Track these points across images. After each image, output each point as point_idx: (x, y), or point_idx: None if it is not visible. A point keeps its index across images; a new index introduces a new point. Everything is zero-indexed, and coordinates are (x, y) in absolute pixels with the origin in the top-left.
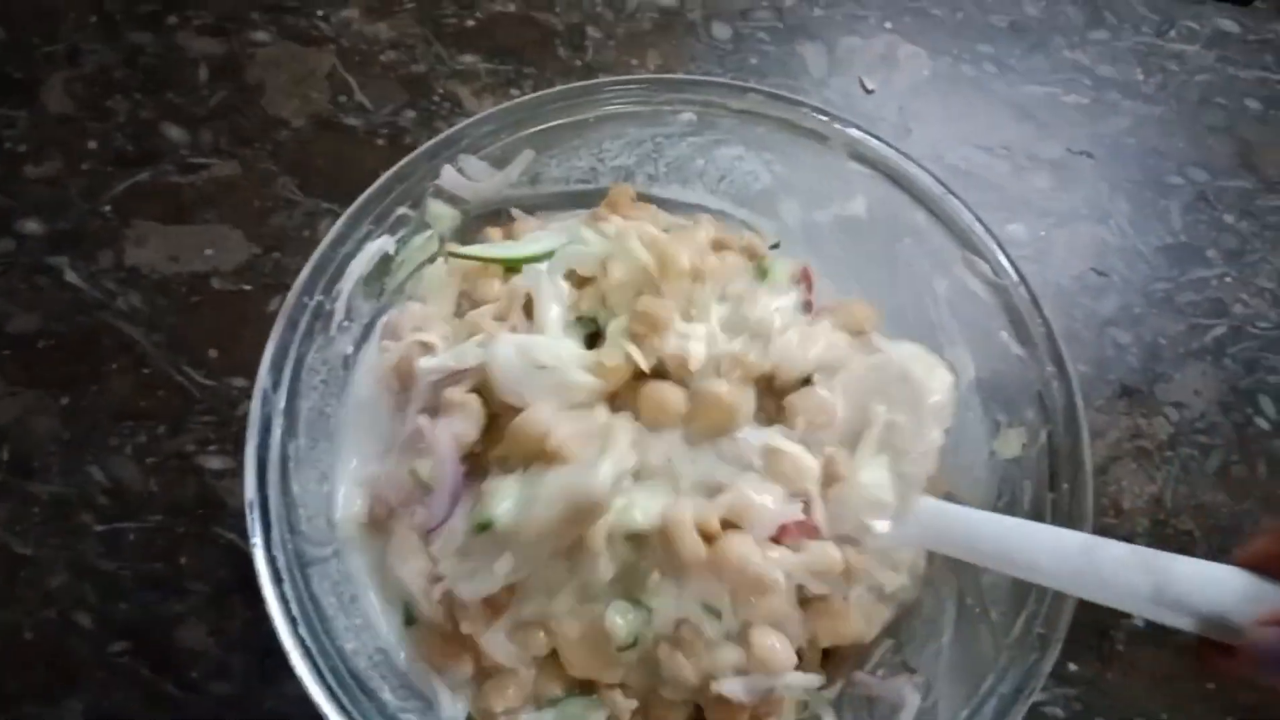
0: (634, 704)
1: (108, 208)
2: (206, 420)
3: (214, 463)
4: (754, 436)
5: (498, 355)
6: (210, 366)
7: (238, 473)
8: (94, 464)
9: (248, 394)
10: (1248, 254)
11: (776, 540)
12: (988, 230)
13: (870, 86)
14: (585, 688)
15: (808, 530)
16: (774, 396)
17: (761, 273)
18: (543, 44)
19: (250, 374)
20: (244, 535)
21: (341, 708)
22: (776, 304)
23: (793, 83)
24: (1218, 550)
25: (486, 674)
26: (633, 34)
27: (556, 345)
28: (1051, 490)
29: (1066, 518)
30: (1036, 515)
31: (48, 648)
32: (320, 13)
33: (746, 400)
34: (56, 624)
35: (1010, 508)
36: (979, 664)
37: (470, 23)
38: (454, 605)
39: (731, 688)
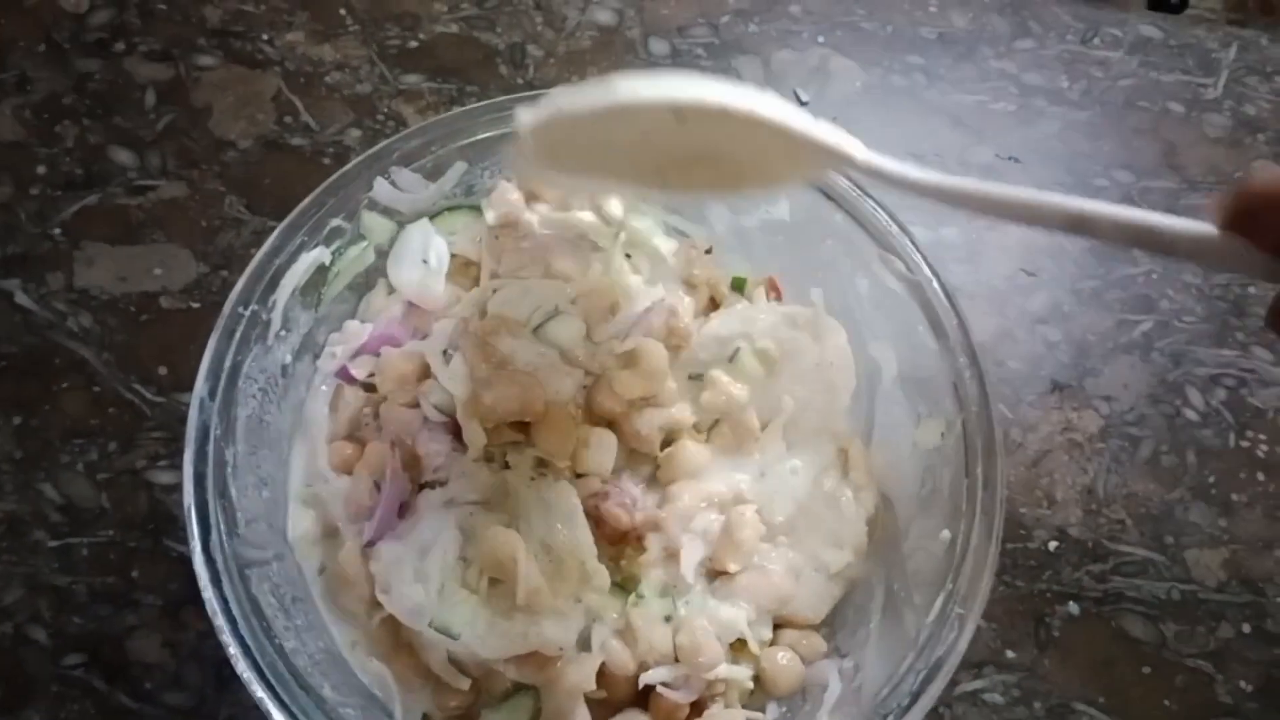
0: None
1: (57, 230)
2: (157, 436)
3: (164, 478)
4: None
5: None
6: (160, 383)
7: None
8: (46, 481)
9: None
10: None
11: None
12: (902, 229)
13: (805, 98)
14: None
15: None
16: None
17: (738, 287)
18: (485, 63)
19: None
20: None
21: (281, 703)
22: None
23: None
24: (1149, 538)
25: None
26: (573, 52)
27: None
28: (966, 476)
29: (981, 501)
30: (954, 501)
31: (3, 662)
32: (265, 36)
33: None
34: (11, 638)
35: (932, 495)
36: (901, 644)
37: (413, 44)
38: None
39: (659, 676)
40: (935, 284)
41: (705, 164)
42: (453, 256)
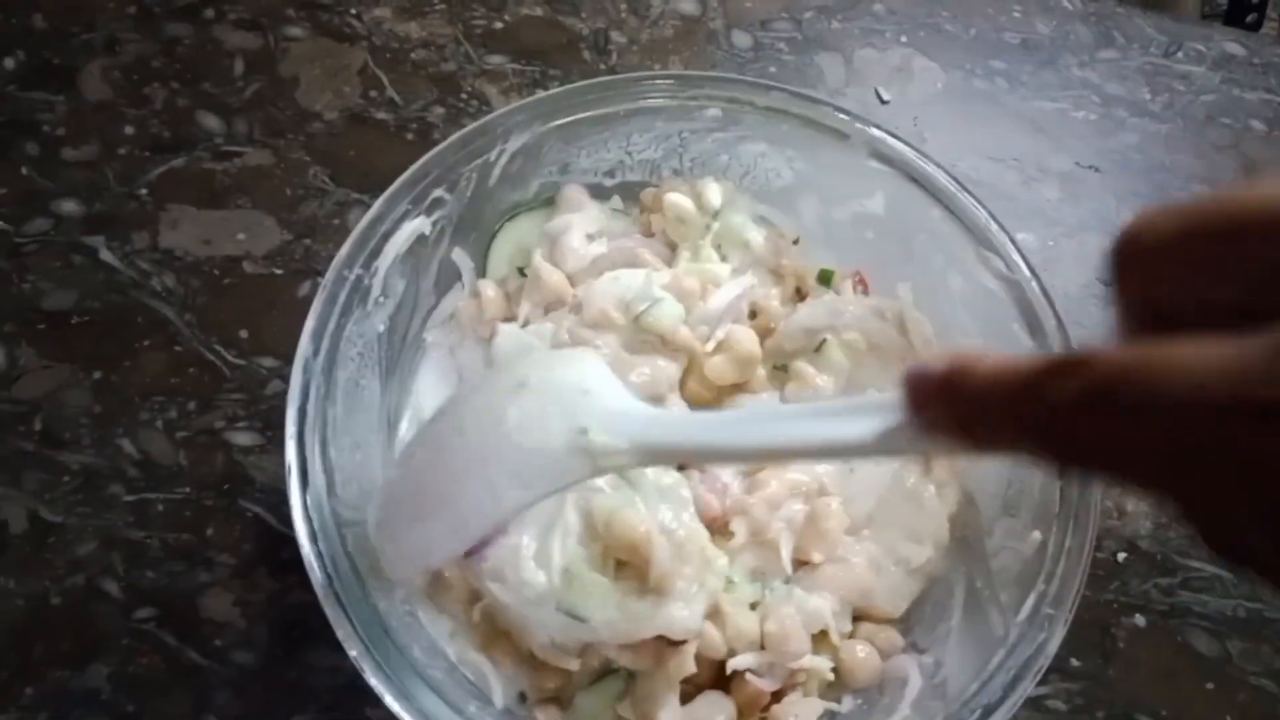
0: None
1: (143, 191)
2: (236, 398)
3: (242, 439)
4: None
5: None
6: (240, 346)
7: (266, 449)
8: (125, 437)
9: (277, 374)
10: None
11: None
12: (1001, 227)
13: (886, 97)
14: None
15: None
16: None
17: (825, 280)
18: (568, 47)
19: (280, 355)
20: (271, 510)
21: (373, 659)
22: None
23: (811, 91)
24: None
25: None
26: (655, 40)
27: None
28: (1060, 478)
29: (1076, 504)
30: (1045, 502)
31: (74, 614)
32: (353, 11)
33: None
34: (84, 591)
35: (1020, 495)
36: (988, 643)
37: (498, 25)
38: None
39: (746, 663)
40: (1035, 285)
41: None
42: None
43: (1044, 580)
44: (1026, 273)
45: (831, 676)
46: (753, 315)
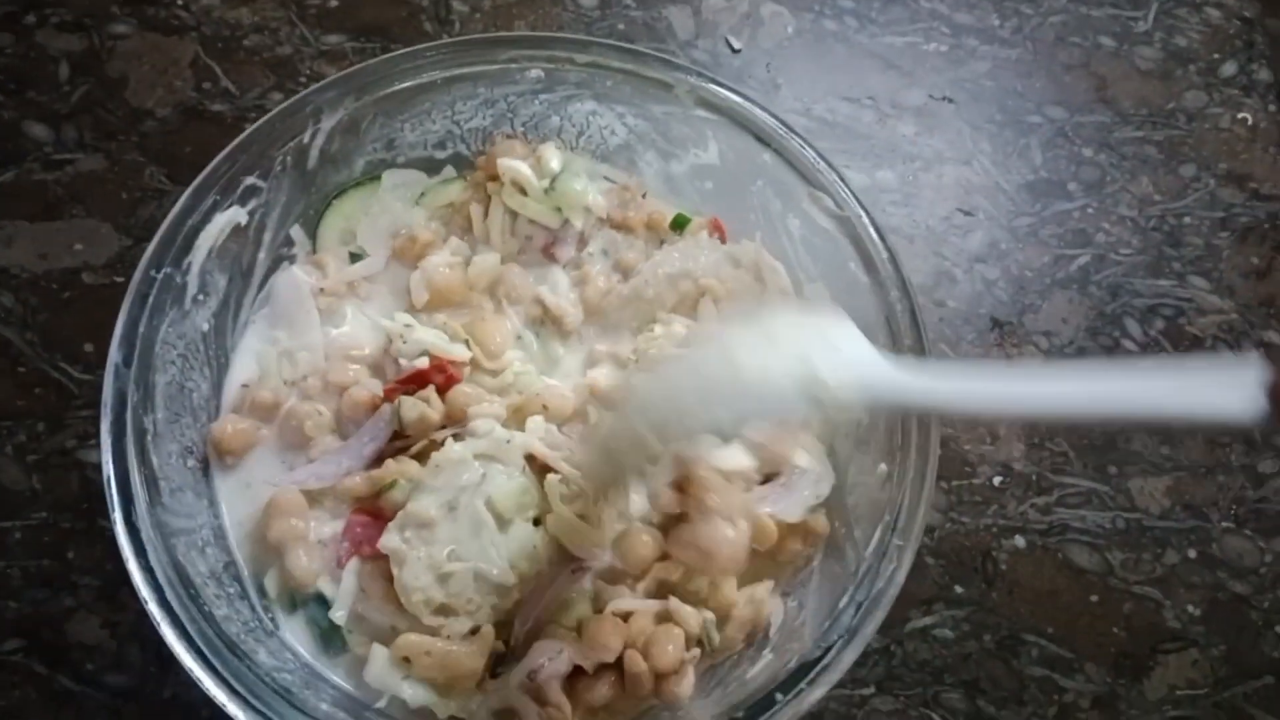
0: None
1: None
2: (86, 414)
3: (96, 456)
4: None
5: None
6: (87, 361)
7: None
8: None
9: None
10: (1107, 185)
11: None
12: (830, 165)
13: (737, 46)
14: None
15: None
16: None
17: (679, 226)
18: (409, 20)
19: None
20: None
21: (213, 670)
22: None
23: (661, 46)
24: (1093, 469)
25: None
26: (499, 6)
27: None
28: None
29: (916, 433)
30: (890, 435)
31: None
32: (180, 1)
33: None
34: None
35: (869, 431)
36: (842, 579)
37: (334, 3)
38: None
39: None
40: (865, 219)
41: None
42: None
43: (890, 512)
44: (857, 209)
45: (710, 616)
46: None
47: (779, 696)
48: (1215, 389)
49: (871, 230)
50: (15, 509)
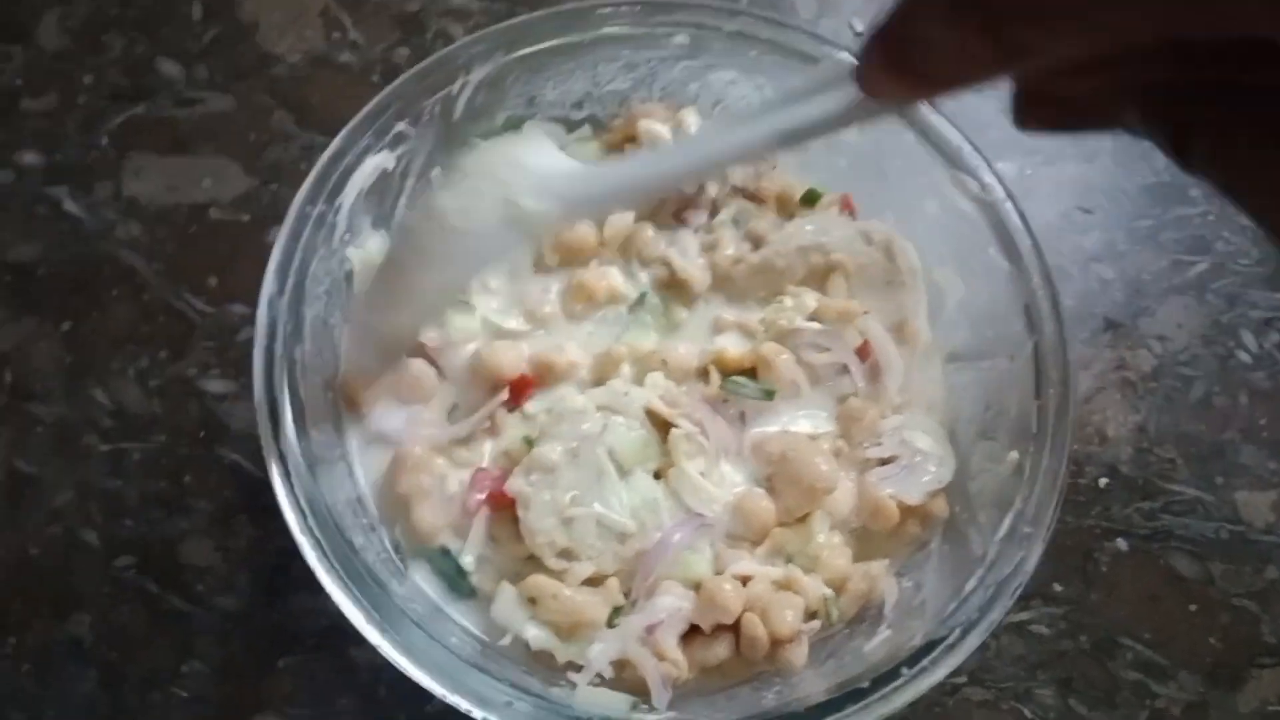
0: None
1: (105, 140)
2: (207, 345)
3: (216, 386)
4: None
5: None
6: (210, 294)
7: (240, 396)
8: (97, 387)
9: (248, 320)
10: None
11: None
12: (975, 148)
13: (859, 29)
14: None
15: None
16: None
17: (810, 201)
18: None
19: (250, 301)
20: (249, 457)
21: (353, 596)
22: None
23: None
24: (1199, 478)
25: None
26: None
27: None
28: (1038, 397)
29: (1052, 423)
30: (1023, 423)
31: (54, 565)
32: None
33: None
34: (62, 541)
35: (997, 418)
36: (966, 563)
37: None
38: None
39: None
40: (1009, 205)
41: None
42: None
43: (1021, 499)
44: (1001, 194)
45: (830, 592)
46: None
47: (904, 670)
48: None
49: (1016, 217)
50: (135, 431)
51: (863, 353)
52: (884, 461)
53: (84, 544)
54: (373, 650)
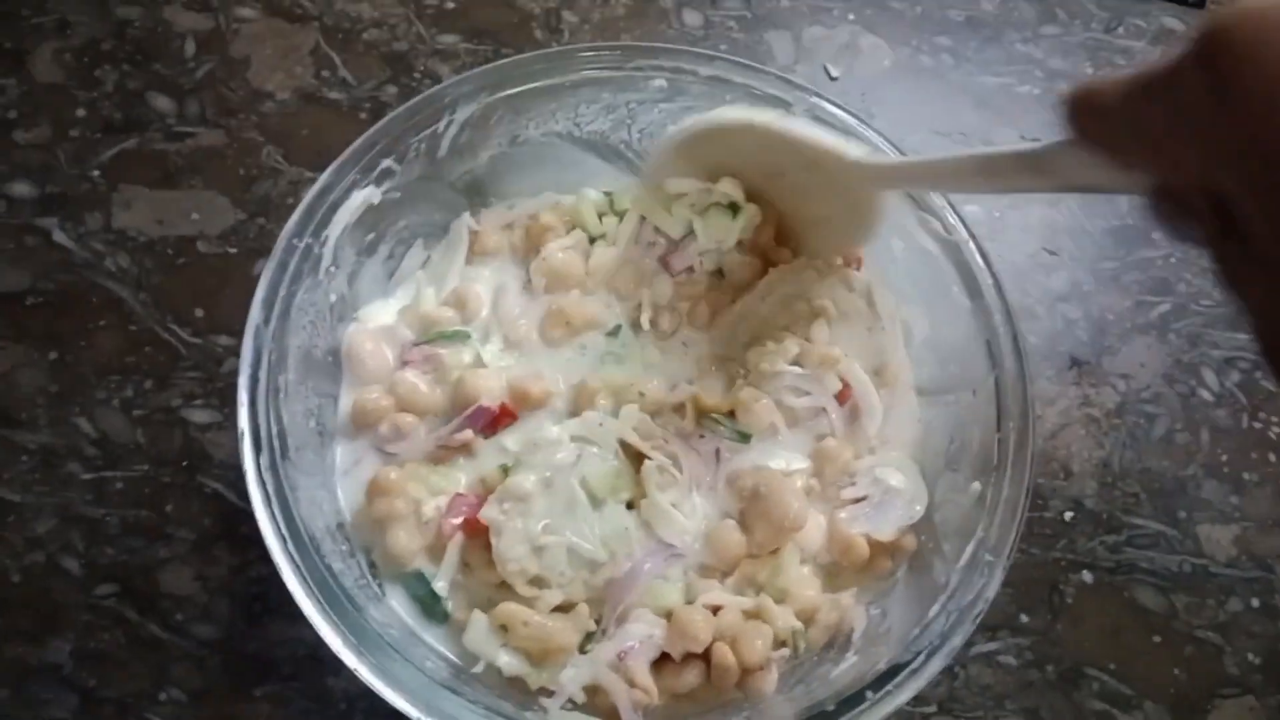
0: None
1: (96, 172)
2: (192, 376)
3: (200, 416)
4: None
5: None
6: (196, 325)
7: (223, 426)
8: (81, 416)
9: (233, 352)
10: None
11: None
12: (947, 199)
13: (834, 74)
14: None
15: None
16: None
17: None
18: (520, 27)
19: (235, 333)
20: (230, 486)
21: (330, 620)
22: None
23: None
24: (1163, 513)
25: None
26: (607, 19)
27: None
28: (999, 430)
29: (1013, 454)
30: (985, 455)
31: (34, 591)
32: None
33: None
34: (43, 568)
35: (960, 451)
36: (931, 590)
37: (450, 4)
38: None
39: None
40: (971, 245)
41: (783, 179)
42: None
43: (983, 529)
44: (964, 234)
45: (799, 625)
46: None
47: (869, 694)
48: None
49: (978, 256)
50: (118, 460)
51: (842, 396)
52: (856, 500)
53: (64, 571)
54: (349, 679)
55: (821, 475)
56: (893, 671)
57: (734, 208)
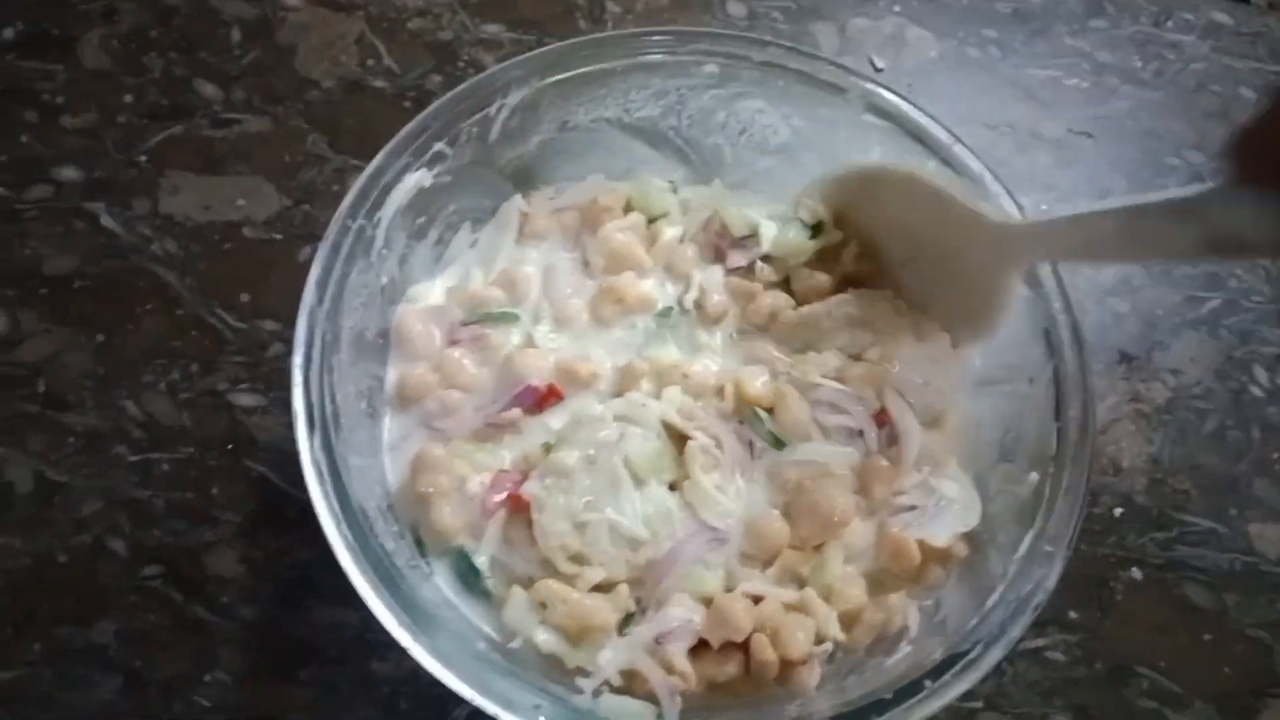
0: None
1: (143, 158)
2: (238, 360)
3: (245, 400)
4: None
5: None
6: (241, 310)
7: (269, 410)
8: (128, 399)
9: (279, 336)
10: None
11: None
12: (995, 177)
13: (880, 65)
14: None
15: None
16: None
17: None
18: (564, 17)
19: (281, 318)
20: (275, 469)
21: (385, 599)
22: None
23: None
24: (1213, 510)
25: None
26: (651, 9)
27: None
28: (1057, 419)
29: (1073, 444)
30: (1042, 444)
31: (81, 572)
32: None
33: None
34: (90, 549)
35: (1016, 442)
36: (987, 580)
37: None
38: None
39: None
40: None
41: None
42: None
43: (1042, 519)
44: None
45: (842, 637)
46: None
47: (927, 683)
48: None
49: None
50: (164, 442)
51: (880, 419)
52: (909, 509)
53: (111, 552)
54: (394, 663)
55: (867, 491)
56: (950, 661)
57: (817, 228)
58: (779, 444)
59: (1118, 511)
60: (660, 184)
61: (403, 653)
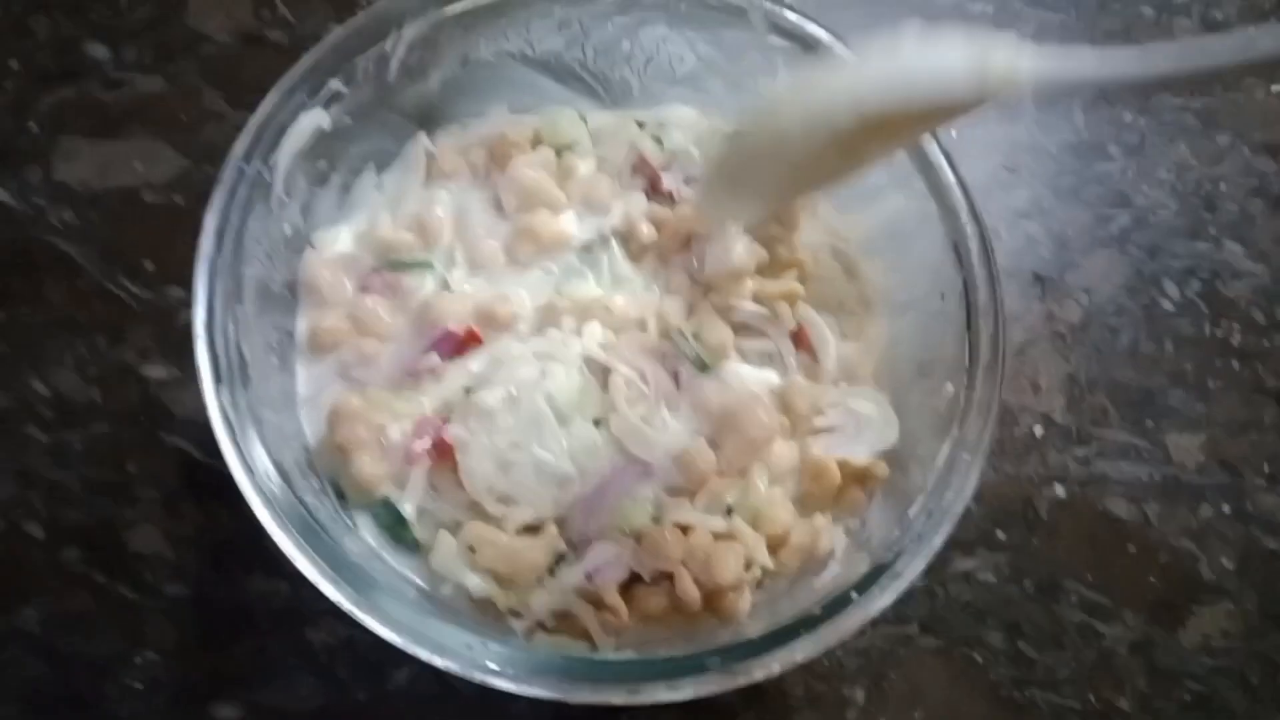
0: None
1: (34, 125)
2: (145, 330)
3: (156, 371)
4: None
5: None
6: (147, 278)
7: (182, 381)
8: (34, 376)
9: (186, 303)
10: (1147, 148)
11: None
12: None
13: None
14: None
15: None
16: None
17: None
18: None
19: (188, 285)
20: (192, 441)
21: (308, 553)
22: None
23: None
24: (1131, 423)
25: None
26: None
27: None
28: (969, 330)
29: (984, 354)
30: (956, 356)
31: None
32: None
33: None
34: (6, 533)
35: (933, 356)
36: (909, 494)
37: None
38: None
39: None
40: (934, 144)
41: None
42: None
43: (958, 427)
44: (937, 150)
45: (770, 564)
46: None
47: (854, 595)
48: None
49: (940, 155)
50: (75, 420)
51: (799, 339)
52: (828, 430)
53: (28, 536)
54: (328, 630)
55: (790, 411)
56: (875, 573)
57: None
58: (704, 366)
59: (1038, 431)
60: (570, 113)
61: (336, 619)
